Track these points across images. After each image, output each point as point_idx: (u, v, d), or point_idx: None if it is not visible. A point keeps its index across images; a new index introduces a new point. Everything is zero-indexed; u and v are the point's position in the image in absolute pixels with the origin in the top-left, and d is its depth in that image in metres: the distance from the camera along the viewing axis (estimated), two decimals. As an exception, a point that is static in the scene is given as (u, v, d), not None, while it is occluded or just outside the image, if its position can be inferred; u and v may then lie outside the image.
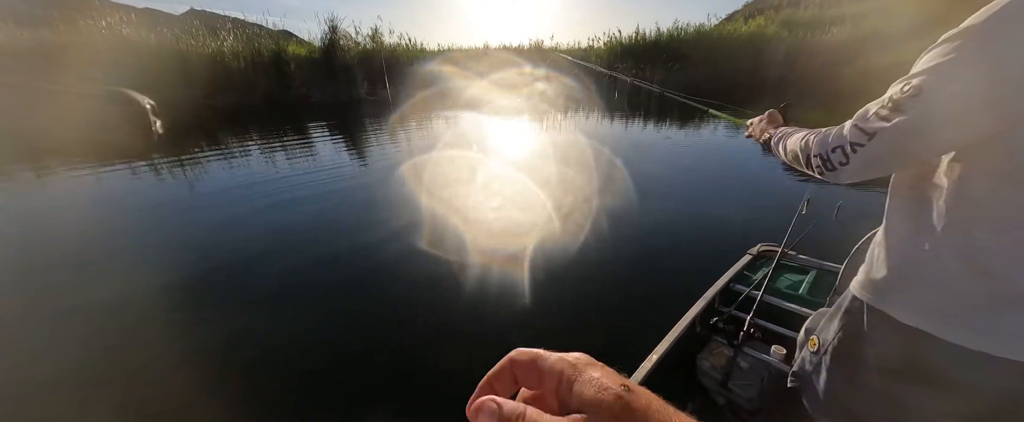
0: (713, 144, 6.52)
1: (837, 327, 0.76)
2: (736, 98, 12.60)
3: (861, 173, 0.60)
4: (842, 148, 0.60)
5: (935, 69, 0.50)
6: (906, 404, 0.66)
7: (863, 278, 0.72)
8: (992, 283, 0.54)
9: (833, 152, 0.61)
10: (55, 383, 1.74)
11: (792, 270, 1.90)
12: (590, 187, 4.22)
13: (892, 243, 0.66)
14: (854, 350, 0.72)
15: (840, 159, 0.60)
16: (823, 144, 0.64)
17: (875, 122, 0.55)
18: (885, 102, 0.55)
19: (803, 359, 0.87)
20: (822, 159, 0.64)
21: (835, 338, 0.76)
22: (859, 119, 0.58)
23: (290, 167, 5.22)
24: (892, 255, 0.66)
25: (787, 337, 1.51)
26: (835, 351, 0.76)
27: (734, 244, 2.29)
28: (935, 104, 0.50)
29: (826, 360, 0.78)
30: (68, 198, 4.18)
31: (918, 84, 0.51)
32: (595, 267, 2.65)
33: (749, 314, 1.52)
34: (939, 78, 0.50)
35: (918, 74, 0.51)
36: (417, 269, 2.66)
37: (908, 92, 0.51)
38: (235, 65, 11.32)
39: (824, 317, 0.83)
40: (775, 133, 0.89)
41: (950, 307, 0.58)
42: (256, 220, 3.52)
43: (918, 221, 0.61)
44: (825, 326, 0.81)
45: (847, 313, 0.74)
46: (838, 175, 0.62)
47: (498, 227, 3.28)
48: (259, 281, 2.56)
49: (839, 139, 0.61)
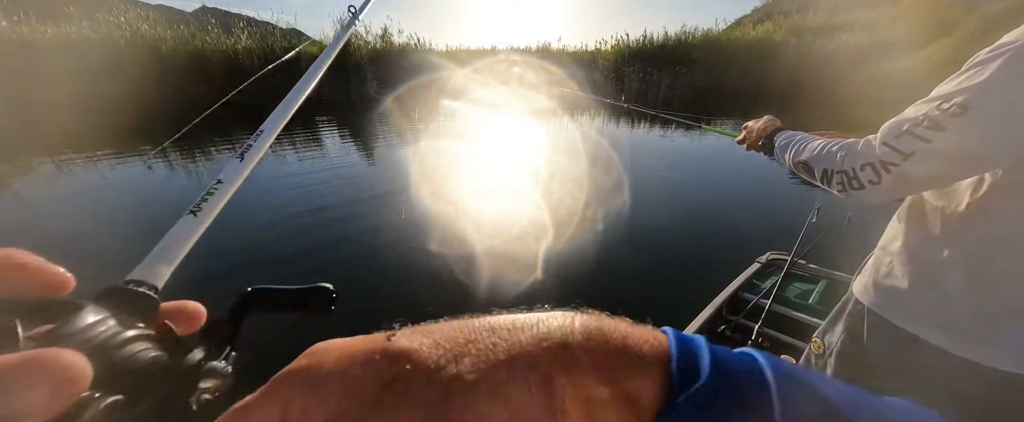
0: (722, 149, 6.47)
1: (841, 330, 0.78)
2: (743, 102, 12.53)
3: (892, 193, 0.58)
4: (872, 166, 0.56)
5: (981, 87, 0.48)
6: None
7: (866, 282, 0.73)
8: (994, 299, 0.56)
9: (862, 170, 0.58)
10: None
11: (802, 279, 1.89)
12: (596, 191, 4.21)
13: (899, 250, 0.67)
14: (856, 352, 0.73)
15: (870, 178, 0.57)
16: (848, 160, 0.60)
17: (910, 141, 0.52)
18: (919, 120, 0.52)
19: (807, 362, 0.89)
20: (847, 177, 0.60)
21: (839, 341, 0.78)
22: (889, 137, 0.55)
23: (301, 164, 5.28)
24: (898, 262, 0.66)
25: (795, 347, 1.49)
26: (839, 353, 0.78)
27: (743, 252, 2.28)
28: (983, 123, 0.48)
29: (830, 362, 0.80)
30: (78, 190, 4.26)
31: (962, 102, 0.49)
32: (600, 272, 2.64)
33: (757, 323, 1.51)
34: (988, 96, 0.48)
35: (960, 92, 0.49)
36: (418, 268, 2.67)
37: (950, 110, 0.49)
38: (250, 63, 11.50)
39: (828, 321, 0.84)
40: (780, 135, 0.83)
41: (950, 317, 0.60)
42: (262, 217, 3.56)
43: (930, 231, 0.61)
44: (829, 329, 0.83)
45: (850, 317, 0.76)
46: (865, 194, 0.59)
47: (503, 230, 3.29)
48: (263, 275, 2.59)
49: (868, 156, 0.57)
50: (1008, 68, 0.46)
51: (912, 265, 0.64)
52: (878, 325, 0.68)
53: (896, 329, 0.65)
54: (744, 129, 0.98)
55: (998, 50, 0.48)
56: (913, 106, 0.55)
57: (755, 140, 0.91)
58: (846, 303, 0.78)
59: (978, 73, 0.49)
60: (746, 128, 0.97)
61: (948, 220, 0.59)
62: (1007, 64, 0.46)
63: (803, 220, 2.04)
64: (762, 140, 0.88)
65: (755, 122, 0.94)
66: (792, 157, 0.75)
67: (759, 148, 0.91)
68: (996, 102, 0.47)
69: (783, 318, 1.62)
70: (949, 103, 0.50)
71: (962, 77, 0.51)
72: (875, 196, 0.59)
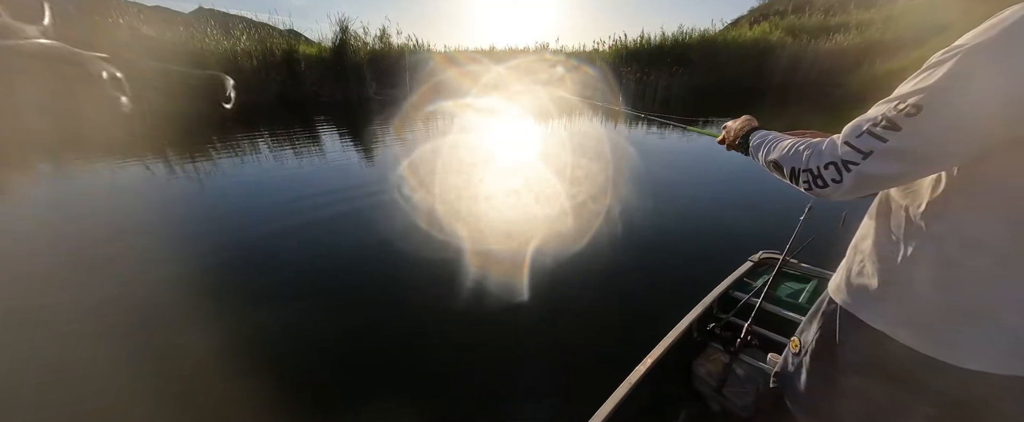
0: (715, 149, 6.48)
1: (816, 329, 0.79)
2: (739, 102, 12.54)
3: (854, 191, 0.58)
4: (835, 165, 0.58)
5: (936, 88, 0.48)
6: (878, 404, 0.69)
7: (839, 281, 0.74)
8: (957, 297, 0.57)
9: (825, 169, 0.59)
10: (68, 373, 1.80)
11: (793, 278, 1.91)
12: (589, 190, 4.24)
13: (869, 249, 0.68)
14: (829, 351, 0.75)
15: (833, 176, 0.59)
16: (813, 158, 0.62)
17: (869, 141, 0.54)
18: (878, 120, 0.53)
19: (785, 360, 0.91)
20: (812, 175, 0.61)
21: (813, 340, 0.79)
22: (850, 136, 0.56)
23: (300, 165, 5.29)
24: (868, 261, 0.67)
25: (784, 345, 1.51)
26: (813, 352, 0.79)
27: (735, 250, 2.30)
28: (937, 123, 0.49)
29: (806, 361, 0.81)
30: (82, 192, 4.27)
31: (916, 102, 0.50)
32: (593, 270, 2.67)
33: (747, 321, 1.53)
34: (942, 96, 0.48)
35: (915, 92, 0.50)
36: (418, 267, 2.69)
37: (905, 110, 0.50)
38: (248, 64, 11.51)
39: (805, 319, 0.86)
40: (754, 135, 0.84)
41: (917, 315, 0.61)
42: (265, 216, 3.58)
43: (895, 230, 0.63)
44: (806, 328, 0.84)
45: (824, 315, 0.77)
46: (829, 192, 0.60)
47: (498, 229, 3.31)
48: (268, 276, 2.61)
49: (831, 155, 0.58)
50: (957, 69, 0.47)
51: (880, 263, 0.65)
52: (849, 323, 0.69)
53: (866, 327, 0.66)
54: (724, 129, 0.99)
55: (951, 52, 0.49)
56: (875, 106, 0.56)
57: (732, 140, 0.92)
58: (821, 302, 0.79)
59: (932, 74, 0.50)
60: (726, 128, 0.98)
61: (912, 218, 0.60)
62: (957, 65, 0.47)
63: (796, 219, 2.06)
64: (738, 139, 0.90)
65: (734, 122, 0.95)
66: (764, 156, 0.76)
67: (737, 148, 0.92)
68: (947, 103, 0.48)
69: (773, 316, 1.64)
70: (904, 103, 0.51)
71: (918, 78, 0.52)
72: (839, 194, 0.60)
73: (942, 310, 0.58)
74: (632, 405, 1.24)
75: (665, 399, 1.46)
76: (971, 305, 0.56)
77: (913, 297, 0.61)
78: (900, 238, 0.62)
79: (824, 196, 0.62)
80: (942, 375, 0.59)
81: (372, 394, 1.72)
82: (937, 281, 0.58)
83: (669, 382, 1.50)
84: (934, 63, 0.50)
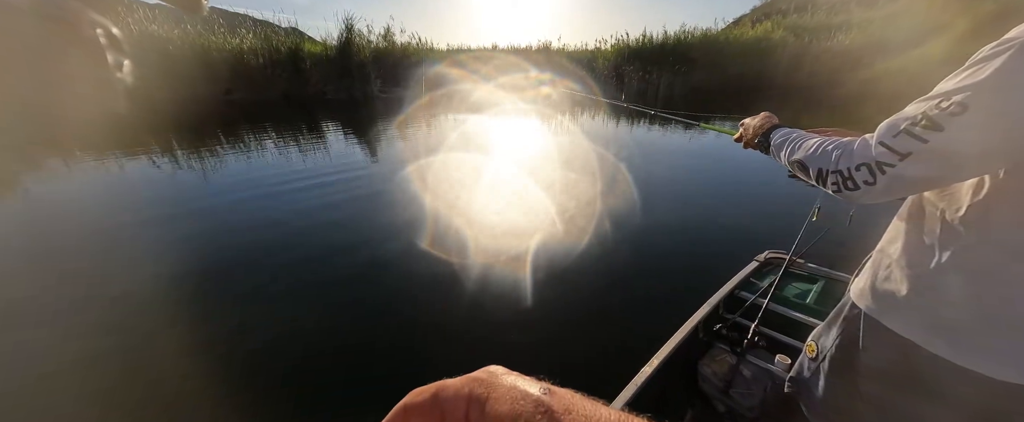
0: (722, 147, 6.46)
1: (836, 334, 0.77)
2: (742, 101, 12.48)
3: (887, 195, 0.55)
4: (868, 166, 0.54)
5: (984, 85, 0.45)
6: (899, 413, 0.67)
7: (863, 286, 0.71)
8: (995, 306, 0.54)
9: (857, 170, 0.55)
10: (60, 370, 1.81)
11: (800, 279, 1.89)
12: (595, 189, 4.22)
13: (898, 253, 0.65)
14: (851, 357, 0.72)
15: (866, 178, 0.55)
16: (843, 159, 0.58)
17: (907, 141, 0.50)
18: (917, 119, 0.49)
19: (801, 365, 0.88)
20: (842, 177, 0.58)
21: (833, 345, 0.77)
22: (885, 136, 0.52)
23: (305, 162, 5.31)
24: (896, 266, 0.64)
25: (792, 347, 1.50)
26: (833, 358, 0.77)
27: (741, 250, 2.28)
28: (983, 122, 0.45)
29: (825, 366, 0.79)
30: (83, 186, 4.31)
31: (962, 100, 0.46)
32: (598, 270, 2.66)
33: (754, 322, 1.51)
34: (989, 94, 0.45)
35: (961, 90, 0.47)
36: (418, 267, 2.69)
37: (949, 109, 0.47)
38: (254, 62, 11.57)
39: (824, 324, 0.83)
40: (776, 133, 0.80)
41: (946, 323, 0.58)
42: (266, 214, 3.59)
43: (929, 235, 0.59)
44: (824, 333, 0.81)
45: (846, 321, 0.74)
46: (859, 195, 0.57)
47: (501, 228, 3.30)
48: (264, 273, 2.62)
49: (864, 156, 0.54)
50: (1012, 64, 0.43)
51: (911, 269, 0.62)
52: (874, 330, 0.67)
53: (893, 335, 0.63)
54: (741, 126, 0.95)
55: (1002, 46, 0.45)
56: (913, 104, 0.52)
57: (751, 138, 0.88)
58: (843, 307, 0.76)
59: (980, 70, 0.46)
60: (743, 125, 0.94)
61: (948, 223, 0.57)
62: (1011, 60, 0.43)
63: (803, 219, 2.03)
64: (758, 138, 0.86)
65: (752, 119, 0.91)
66: (787, 155, 0.73)
67: (755, 146, 0.88)
68: (998, 100, 0.44)
69: (780, 317, 1.62)
70: (949, 101, 0.47)
71: (964, 74, 0.48)
72: (870, 197, 0.56)
73: (977, 320, 0.55)
74: (638, 406, 1.23)
75: (670, 400, 1.45)
76: (1010, 315, 0.53)
77: (946, 305, 0.57)
78: (934, 243, 0.58)
79: (854, 199, 0.58)
80: (973, 386, 0.56)
81: (372, 394, 1.72)
82: (973, 289, 0.55)
83: (675, 383, 1.49)
84: (982, 58, 0.46)
